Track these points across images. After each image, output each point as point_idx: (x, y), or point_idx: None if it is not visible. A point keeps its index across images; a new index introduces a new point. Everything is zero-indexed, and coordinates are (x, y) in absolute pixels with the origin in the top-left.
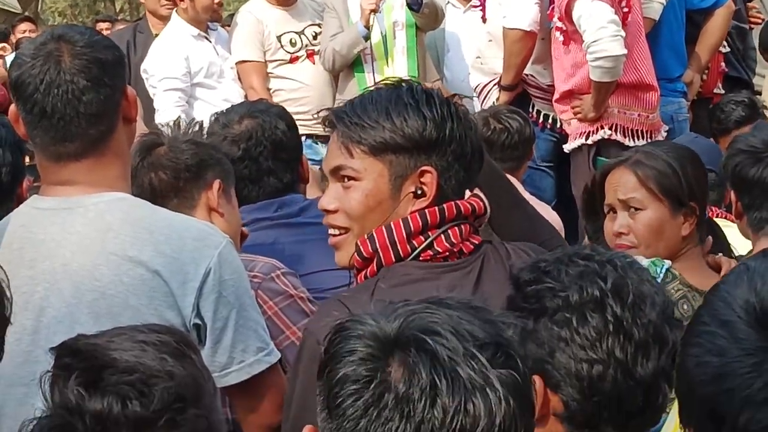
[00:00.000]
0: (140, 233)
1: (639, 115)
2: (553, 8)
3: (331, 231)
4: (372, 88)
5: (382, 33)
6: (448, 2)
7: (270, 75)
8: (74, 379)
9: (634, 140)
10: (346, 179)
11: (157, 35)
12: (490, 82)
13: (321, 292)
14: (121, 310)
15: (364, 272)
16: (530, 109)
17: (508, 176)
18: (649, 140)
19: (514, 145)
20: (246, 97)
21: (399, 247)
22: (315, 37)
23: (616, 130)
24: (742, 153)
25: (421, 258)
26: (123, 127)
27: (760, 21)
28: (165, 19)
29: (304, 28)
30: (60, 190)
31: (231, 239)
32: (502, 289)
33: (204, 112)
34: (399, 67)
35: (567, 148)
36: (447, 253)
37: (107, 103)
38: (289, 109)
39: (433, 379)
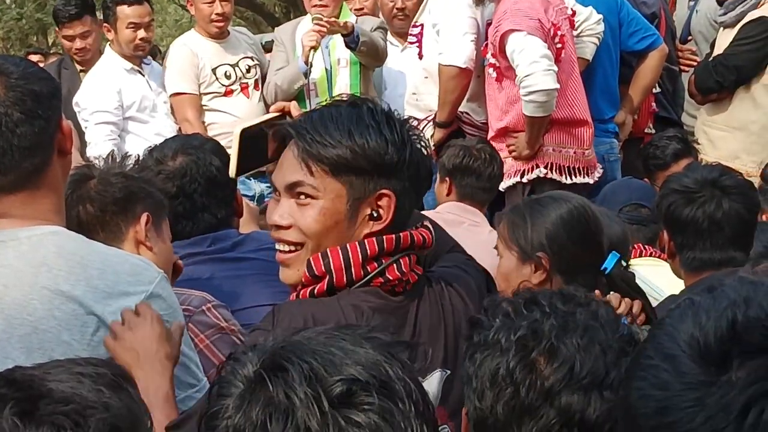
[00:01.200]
0: (74, 268)
1: (575, 152)
2: (486, 45)
3: (280, 247)
4: (330, 104)
5: (326, 69)
6: (387, 41)
7: (204, 108)
8: (9, 409)
9: (570, 177)
10: (302, 196)
11: (82, 71)
12: (425, 118)
13: None
14: (53, 345)
15: (309, 289)
16: None
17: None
18: (585, 177)
19: (499, 175)
20: (180, 129)
21: (353, 270)
22: (248, 71)
23: (551, 169)
24: (675, 193)
25: (372, 284)
26: (58, 160)
27: (694, 64)
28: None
29: (238, 61)
30: None
31: (164, 273)
32: (435, 324)
33: (136, 146)
34: None
35: (502, 186)
36: (395, 282)
37: (41, 135)
38: (223, 142)
39: (264, 420)
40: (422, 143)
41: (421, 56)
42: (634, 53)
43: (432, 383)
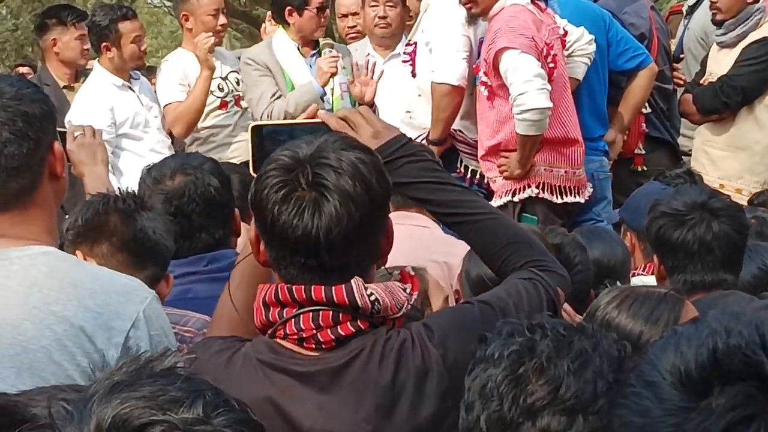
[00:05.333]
0: (65, 288)
1: (566, 171)
2: (479, 63)
3: None
4: None
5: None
6: (368, 54)
7: (201, 123)
8: None
9: (561, 197)
10: None
11: (65, 87)
12: (419, 136)
13: None
14: (43, 366)
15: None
16: (458, 165)
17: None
18: (576, 196)
19: None
20: (171, 135)
21: (256, 313)
22: (238, 83)
23: (543, 189)
24: (665, 216)
25: (277, 334)
26: (49, 182)
27: (682, 84)
28: (72, 67)
29: (227, 74)
30: None
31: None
32: (361, 398)
33: (130, 163)
34: None
35: (493, 205)
36: (296, 336)
37: (30, 157)
38: (224, 154)
39: None
40: None
41: (414, 74)
42: (624, 72)
43: None
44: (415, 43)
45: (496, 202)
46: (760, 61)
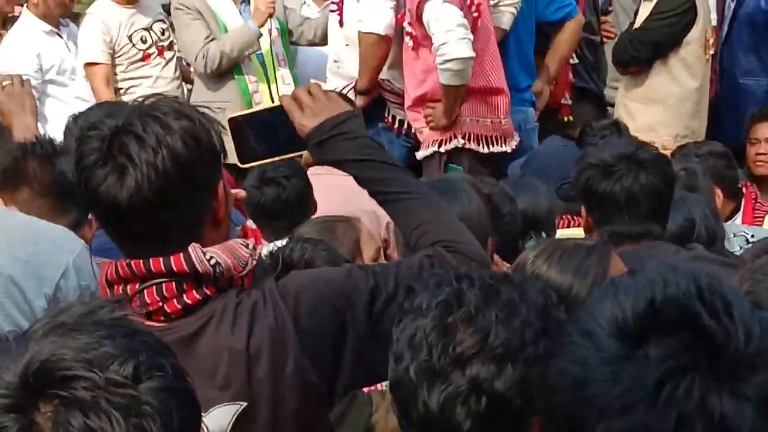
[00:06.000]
0: None
1: (492, 121)
2: (404, 13)
3: None
4: None
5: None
6: (304, 2)
7: (123, 74)
8: None
9: (487, 147)
10: None
11: None
12: (347, 85)
13: None
14: None
15: None
16: (386, 114)
17: None
18: (503, 146)
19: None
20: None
21: (105, 292)
22: (163, 33)
23: (469, 139)
24: (592, 167)
25: None
26: None
27: (612, 36)
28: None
29: (152, 24)
30: None
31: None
32: (217, 363)
33: (56, 110)
34: (281, 75)
35: (419, 155)
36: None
37: None
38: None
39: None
40: None
41: (341, 24)
42: (551, 24)
43: (214, 418)
44: None
45: (422, 153)
46: (672, 14)
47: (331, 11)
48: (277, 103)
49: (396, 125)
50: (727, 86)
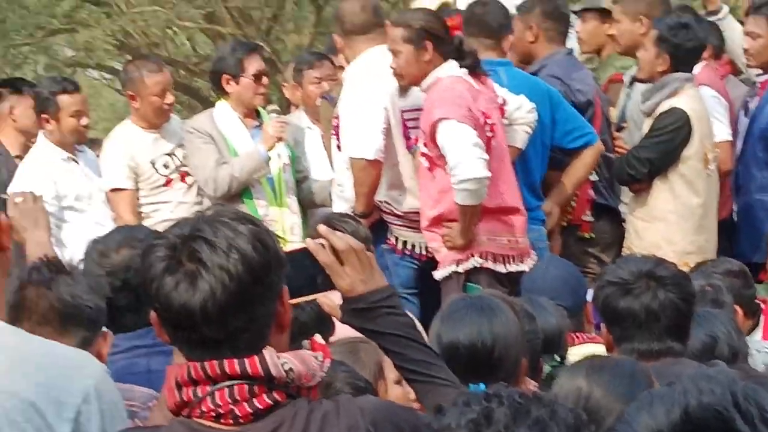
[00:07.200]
0: (14, 362)
1: (508, 240)
2: (413, 134)
3: None
4: None
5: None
6: (309, 127)
7: (145, 199)
8: None
9: (505, 266)
10: None
11: (17, 156)
12: (349, 208)
13: None
14: None
15: None
16: (388, 236)
17: None
18: (520, 264)
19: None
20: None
21: (168, 395)
22: (185, 157)
23: (486, 258)
24: (610, 285)
25: (193, 413)
26: None
27: (625, 152)
28: (28, 136)
29: (174, 149)
30: None
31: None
32: None
33: (74, 236)
34: (289, 202)
35: (438, 276)
36: (213, 412)
37: None
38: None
39: None
40: None
41: (339, 148)
42: (569, 151)
43: None
44: (339, 116)
45: (440, 273)
46: (664, 132)
47: (332, 135)
48: (299, 244)
49: (399, 246)
50: (742, 202)
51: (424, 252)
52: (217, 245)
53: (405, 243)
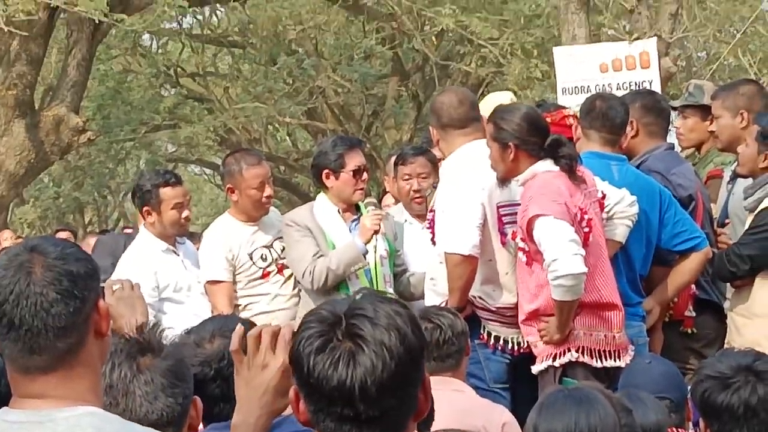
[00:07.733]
0: None
1: (605, 335)
2: (508, 230)
3: None
4: None
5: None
6: (406, 220)
7: (242, 291)
8: None
9: (601, 361)
10: None
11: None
12: (442, 302)
13: None
14: None
15: None
16: (481, 331)
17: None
18: (616, 360)
19: (449, 340)
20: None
21: None
22: (283, 250)
23: (582, 353)
24: (709, 379)
25: None
26: (94, 341)
27: (727, 248)
28: None
29: (272, 242)
30: (29, 403)
31: None
32: None
33: (173, 327)
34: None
35: (535, 370)
36: None
37: (76, 316)
38: (264, 321)
39: None
40: None
41: (434, 242)
42: (676, 254)
43: None
44: (434, 210)
45: (537, 367)
46: (765, 229)
47: (425, 228)
48: None
49: (492, 341)
50: None
51: (516, 347)
52: (378, 323)
53: (498, 338)
